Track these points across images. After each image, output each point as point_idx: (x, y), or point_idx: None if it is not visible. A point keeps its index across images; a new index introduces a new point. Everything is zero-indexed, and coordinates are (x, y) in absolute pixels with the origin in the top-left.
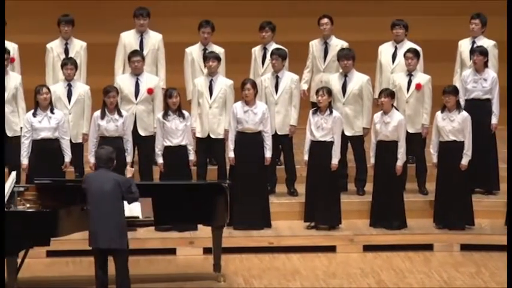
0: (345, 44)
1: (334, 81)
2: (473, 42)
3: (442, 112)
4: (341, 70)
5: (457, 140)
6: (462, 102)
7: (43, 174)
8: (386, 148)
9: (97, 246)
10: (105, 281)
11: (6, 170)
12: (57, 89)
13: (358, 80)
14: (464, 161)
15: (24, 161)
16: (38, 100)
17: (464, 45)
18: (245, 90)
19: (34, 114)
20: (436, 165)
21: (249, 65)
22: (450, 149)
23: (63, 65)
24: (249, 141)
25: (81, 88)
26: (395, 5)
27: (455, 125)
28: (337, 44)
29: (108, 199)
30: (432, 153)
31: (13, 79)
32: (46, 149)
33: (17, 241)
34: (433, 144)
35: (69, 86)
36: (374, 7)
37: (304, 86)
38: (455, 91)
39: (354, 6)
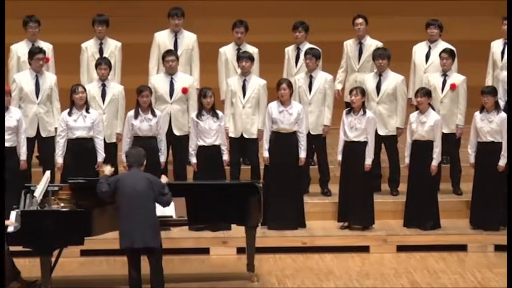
0: (379, 44)
1: (369, 80)
2: (505, 43)
3: (480, 112)
4: (376, 69)
5: (494, 141)
6: (502, 103)
7: (77, 173)
8: (422, 148)
9: (132, 246)
10: (139, 280)
11: (40, 169)
12: (92, 88)
13: (392, 79)
14: (502, 162)
15: (59, 160)
16: (73, 99)
17: (496, 46)
18: (281, 90)
19: (69, 113)
20: (473, 166)
21: (283, 64)
22: (488, 150)
23: (97, 64)
24: (283, 141)
25: (115, 88)
26: (430, 5)
27: (493, 126)
28: (371, 44)
29: (141, 198)
30: (470, 153)
31: (48, 79)
32: (81, 148)
33: (51, 240)
34: (471, 144)
35: (103, 85)
36: (408, 7)
37: (339, 86)
38: (493, 91)
39: (389, 6)
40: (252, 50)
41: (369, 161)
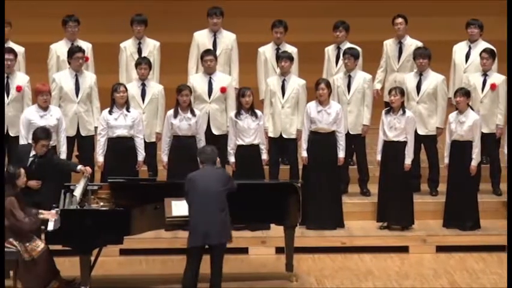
0: (419, 44)
1: (409, 79)
2: None
3: None
4: (416, 69)
5: None
6: None
7: (117, 172)
8: (461, 148)
9: (207, 243)
10: (193, 282)
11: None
12: (131, 88)
13: (433, 79)
14: None
15: (100, 158)
16: (114, 98)
17: None
18: (319, 90)
19: (110, 112)
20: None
21: (322, 64)
22: None
23: (137, 64)
24: (322, 141)
25: (154, 87)
26: (470, 4)
27: None
28: (411, 43)
29: (216, 195)
30: (505, 153)
31: (88, 78)
32: (121, 147)
33: (91, 239)
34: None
35: (143, 85)
36: (448, 7)
37: (378, 86)
38: None
39: (428, 6)
40: (291, 49)
41: (408, 160)
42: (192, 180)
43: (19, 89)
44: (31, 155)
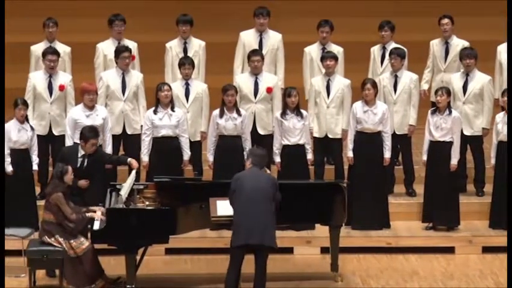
0: (465, 44)
1: (456, 79)
2: None
3: None
4: (462, 69)
5: None
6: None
7: (162, 172)
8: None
9: (247, 243)
10: (236, 281)
11: (126, 167)
12: (176, 87)
13: (479, 79)
14: None
15: (145, 158)
16: (159, 97)
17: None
18: (365, 90)
19: (155, 112)
20: None
21: (368, 64)
22: None
23: (181, 64)
24: (368, 141)
25: (198, 87)
26: None
27: None
28: (457, 43)
29: (261, 196)
30: None
31: (134, 77)
32: (166, 147)
33: (136, 238)
34: None
35: (187, 84)
36: (493, 7)
37: (425, 86)
38: None
39: (474, 6)
40: (337, 49)
41: (454, 161)
42: (239, 179)
43: (62, 88)
44: (79, 155)
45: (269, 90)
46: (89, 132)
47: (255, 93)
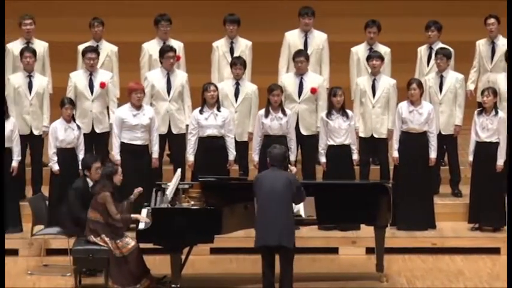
0: None
1: (501, 80)
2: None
3: None
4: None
5: None
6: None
7: (208, 171)
8: None
9: (266, 244)
10: (272, 279)
11: (171, 167)
12: (225, 87)
13: None
14: None
15: (190, 158)
16: (205, 97)
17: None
18: (411, 90)
19: (201, 112)
20: None
21: (414, 64)
22: None
23: (232, 64)
24: (413, 141)
25: (248, 87)
26: None
27: None
28: (504, 43)
29: (279, 197)
30: None
31: (179, 77)
32: (212, 147)
33: (181, 238)
34: None
35: (237, 84)
36: None
37: (471, 86)
38: None
39: None
40: (384, 50)
41: (501, 161)
42: (258, 179)
43: (102, 85)
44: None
45: (313, 90)
46: (89, 158)
47: (299, 93)
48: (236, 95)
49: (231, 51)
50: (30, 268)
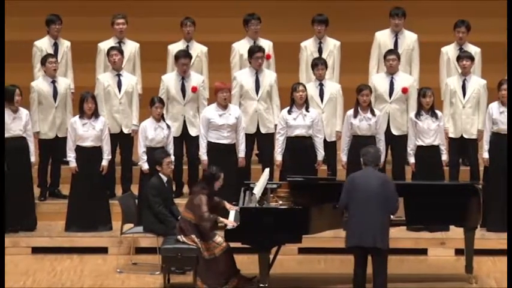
0: None
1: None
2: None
3: None
4: None
5: None
6: None
7: (295, 171)
8: None
9: (360, 245)
10: (363, 280)
11: (259, 166)
12: (310, 88)
13: None
14: None
15: (278, 157)
16: (293, 97)
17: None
18: (501, 91)
19: (289, 112)
20: None
21: (504, 64)
22: None
23: (314, 65)
24: (503, 142)
25: (332, 87)
26: None
27: None
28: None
29: (373, 198)
30: None
31: (268, 76)
32: (300, 147)
33: (270, 237)
34: None
35: (321, 85)
36: None
37: None
38: None
39: None
40: (475, 50)
41: None
42: (353, 179)
43: (194, 89)
44: (165, 180)
45: (405, 90)
46: (160, 154)
47: (390, 93)
48: (321, 95)
49: (319, 51)
50: (120, 266)
